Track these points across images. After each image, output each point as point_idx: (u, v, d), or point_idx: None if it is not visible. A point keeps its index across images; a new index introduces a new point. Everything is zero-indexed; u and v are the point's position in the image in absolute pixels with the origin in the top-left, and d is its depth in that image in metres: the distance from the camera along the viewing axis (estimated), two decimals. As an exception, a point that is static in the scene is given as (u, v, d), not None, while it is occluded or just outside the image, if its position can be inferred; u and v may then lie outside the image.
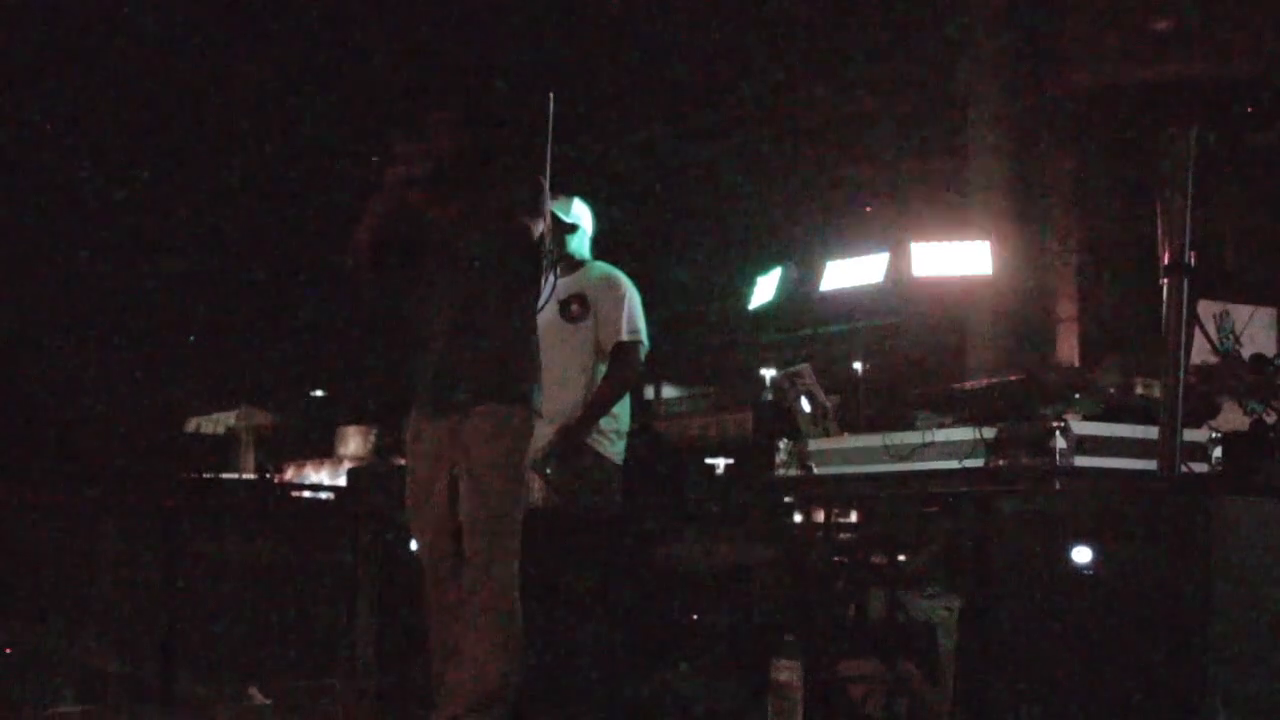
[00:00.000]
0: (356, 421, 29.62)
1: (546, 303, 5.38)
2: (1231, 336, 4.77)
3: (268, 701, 5.37)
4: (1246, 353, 4.72)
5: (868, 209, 12.54)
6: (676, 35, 13.84)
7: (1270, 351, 4.75)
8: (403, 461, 4.77)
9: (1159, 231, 3.80)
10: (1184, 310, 3.64)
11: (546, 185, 4.71)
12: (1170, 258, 3.70)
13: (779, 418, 5.76)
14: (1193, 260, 3.72)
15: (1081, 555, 3.42)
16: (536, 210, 4.56)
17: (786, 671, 4.26)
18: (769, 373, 15.34)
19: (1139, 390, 5.28)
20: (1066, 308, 13.75)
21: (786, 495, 5.67)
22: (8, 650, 6.23)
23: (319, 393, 34.75)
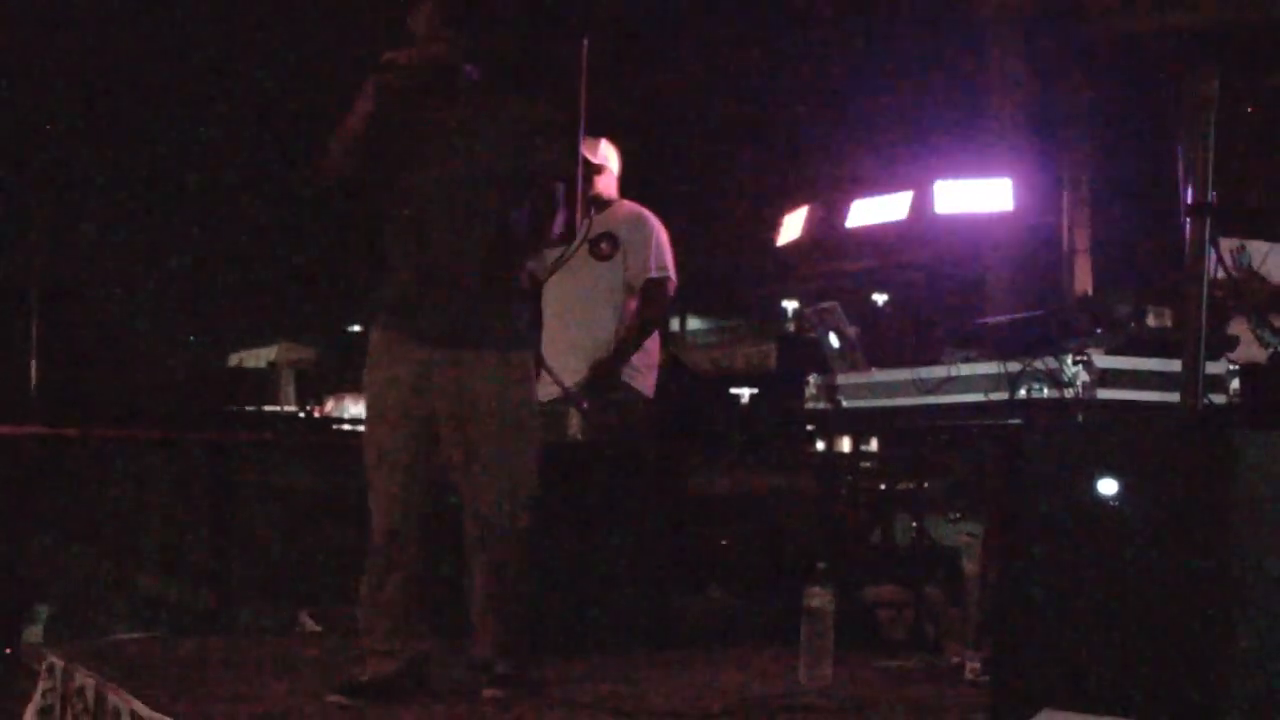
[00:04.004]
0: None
1: (581, 243, 5.52)
2: (1248, 269, 4.83)
3: (319, 629, 5.44)
4: (1262, 287, 4.80)
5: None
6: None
7: (1287, 286, 4.82)
8: None
9: (1179, 172, 3.86)
10: (1207, 250, 3.71)
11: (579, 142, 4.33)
12: (1193, 199, 3.77)
13: (802, 350, 5.86)
14: (1214, 200, 3.79)
15: (1108, 487, 3.51)
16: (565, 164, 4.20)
17: (819, 598, 4.36)
18: (791, 304, 15.39)
19: (1150, 320, 5.35)
20: (1081, 239, 13.80)
21: (812, 427, 5.78)
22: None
23: (356, 328, 34.83)
